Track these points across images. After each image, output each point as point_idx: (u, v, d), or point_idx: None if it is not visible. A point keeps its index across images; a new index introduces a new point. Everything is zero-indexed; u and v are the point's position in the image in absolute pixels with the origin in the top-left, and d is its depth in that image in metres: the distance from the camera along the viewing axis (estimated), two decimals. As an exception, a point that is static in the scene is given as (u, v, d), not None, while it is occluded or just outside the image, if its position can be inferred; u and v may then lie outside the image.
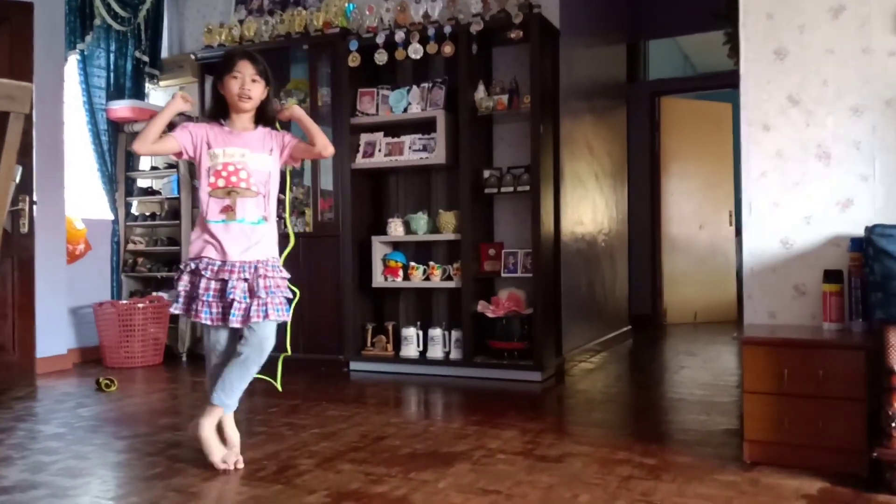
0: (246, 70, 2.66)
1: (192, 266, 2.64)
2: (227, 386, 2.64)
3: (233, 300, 2.57)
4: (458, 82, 4.40)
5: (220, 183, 2.66)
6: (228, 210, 2.65)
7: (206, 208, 2.67)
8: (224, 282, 2.60)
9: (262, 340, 2.63)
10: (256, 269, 2.64)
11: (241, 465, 2.61)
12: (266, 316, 2.59)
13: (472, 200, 4.37)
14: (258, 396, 4.05)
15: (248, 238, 2.67)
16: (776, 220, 2.91)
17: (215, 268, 2.60)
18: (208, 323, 2.63)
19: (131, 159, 5.55)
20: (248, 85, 2.66)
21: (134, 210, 5.56)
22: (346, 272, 4.63)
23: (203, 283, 2.60)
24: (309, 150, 2.83)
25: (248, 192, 2.68)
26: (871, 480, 2.32)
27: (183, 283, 2.65)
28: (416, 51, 4.45)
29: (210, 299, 2.60)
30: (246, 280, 2.62)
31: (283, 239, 2.94)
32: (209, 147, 2.68)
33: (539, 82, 4.24)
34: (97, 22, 5.14)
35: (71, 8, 4.94)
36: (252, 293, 2.60)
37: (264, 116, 2.78)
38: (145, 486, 2.46)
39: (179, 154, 2.70)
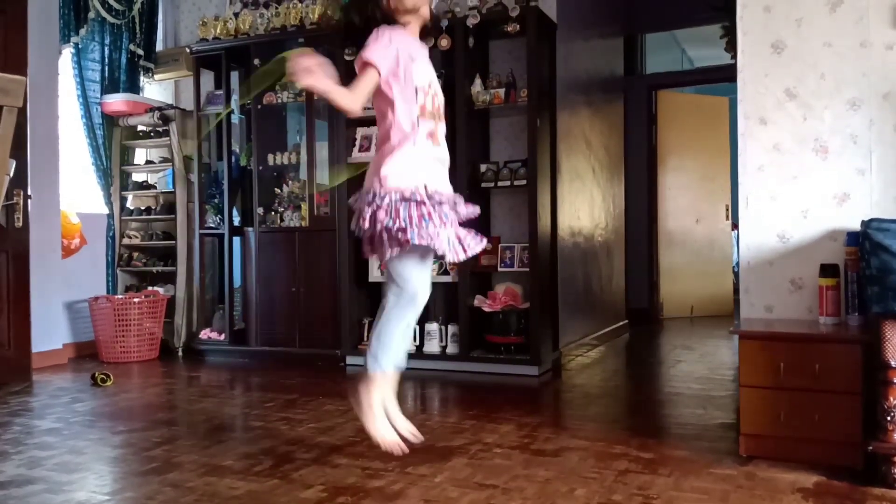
0: None
1: (396, 196, 2.24)
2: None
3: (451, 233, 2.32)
4: (455, 76, 4.39)
5: (429, 105, 2.35)
6: (433, 136, 2.37)
7: (413, 131, 2.31)
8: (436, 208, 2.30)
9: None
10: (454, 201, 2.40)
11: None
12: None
13: (469, 195, 4.32)
14: (255, 391, 4.04)
15: (447, 168, 2.43)
16: (773, 213, 2.91)
17: (424, 193, 2.29)
18: (444, 250, 2.28)
19: (126, 153, 5.52)
20: None
21: (129, 204, 5.54)
22: (343, 267, 4.62)
23: (416, 211, 2.25)
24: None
25: (441, 119, 2.43)
26: (867, 474, 2.33)
27: (381, 217, 2.24)
28: (412, 44, 4.43)
29: (431, 229, 2.26)
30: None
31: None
32: (413, 60, 2.31)
33: (536, 76, 4.23)
34: (91, 15, 5.11)
35: (65, 1, 4.91)
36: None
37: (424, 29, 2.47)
38: (141, 481, 2.45)
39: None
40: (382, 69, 2.28)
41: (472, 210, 2.49)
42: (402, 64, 2.30)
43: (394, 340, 2.35)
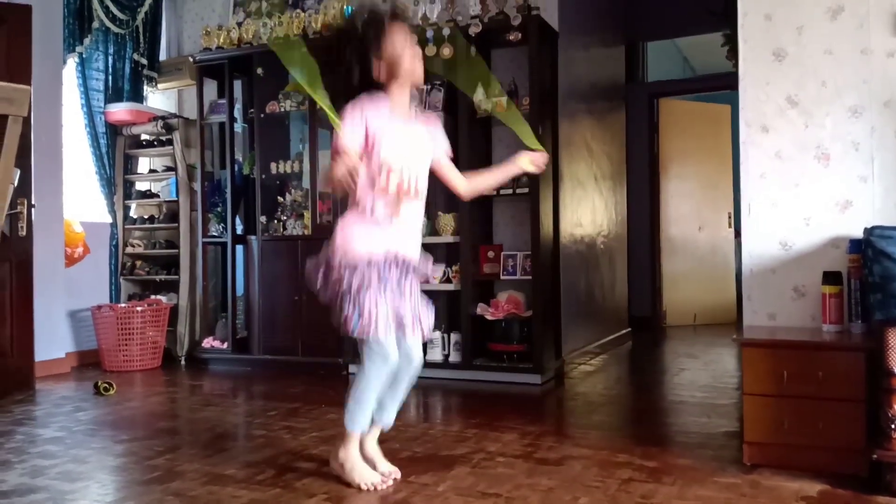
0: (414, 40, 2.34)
1: (349, 268, 2.29)
2: (385, 404, 2.48)
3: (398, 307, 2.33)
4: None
5: (392, 183, 2.31)
6: (393, 212, 2.34)
7: (371, 206, 2.33)
8: (384, 284, 2.31)
9: (414, 353, 2.47)
10: (408, 267, 2.39)
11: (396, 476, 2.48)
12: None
13: (471, 203, 4.34)
14: (257, 399, 4.04)
15: (408, 236, 2.41)
16: (775, 221, 2.91)
17: (385, 264, 2.30)
18: (375, 330, 2.29)
19: (129, 162, 5.54)
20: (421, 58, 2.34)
21: (132, 213, 5.55)
22: (345, 275, 4.62)
23: (363, 283, 2.28)
24: (449, 180, 2.55)
25: (413, 196, 2.39)
26: (872, 482, 2.32)
27: (334, 282, 2.31)
28: (414, 53, 4.44)
29: (375, 307, 2.28)
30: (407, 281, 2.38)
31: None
32: (381, 135, 2.30)
33: (538, 84, 4.24)
34: (95, 24, 5.14)
35: (69, 10, 4.94)
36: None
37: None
38: (143, 489, 2.45)
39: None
40: (357, 142, 2.27)
41: (435, 270, 2.47)
42: (369, 138, 2.29)
43: (368, 400, 2.40)
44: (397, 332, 2.36)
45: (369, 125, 2.29)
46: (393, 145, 2.32)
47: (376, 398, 2.42)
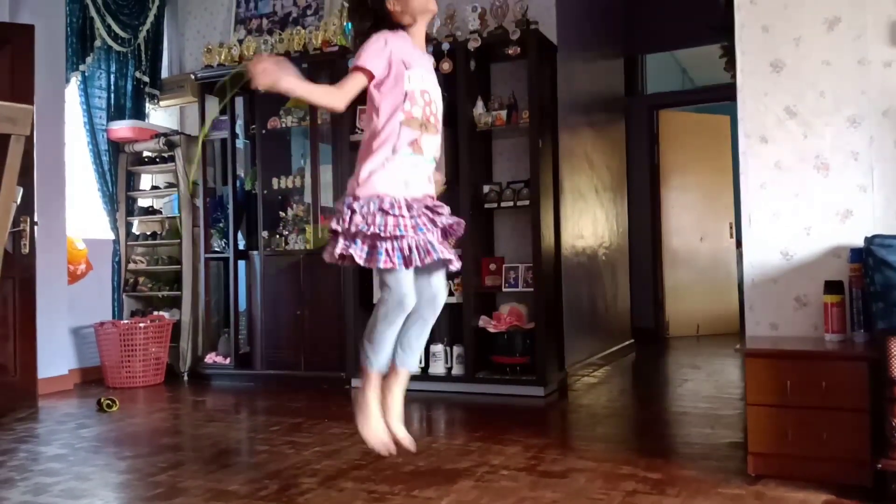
0: None
1: (374, 205, 2.22)
2: (409, 346, 2.40)
3: (427, 240, 2.27)
4: (457, 98, 4.42)
5: (417, 112, 2.29)
6: (415, 145, 2.30)
7: (394, 138, 2.28)
8: (413, 219, 2.26)
9: (438, 292, 2.40)
10: (432, 207, 2.35)
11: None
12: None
13: (473, 215, 4.37)
14: (260, 415, 4.04)
15: (428, 178, 2.38)
16: (776, 231, 2.91)
17: (402, 204, 2.25)
18: (403, 266, 2.23)
19: (131, 179, 5.57)
20: None
21: (135, 229, 5.57)
22: (348, 288, 4.63)
23: (392, 222, 2.22)
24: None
25: (434, 130, 2.35)
26: (876, 492, 2.31)
27: (357, 222, 2.23)
28: (414, 68, 4.47)
29: (405, 243, 2.23)
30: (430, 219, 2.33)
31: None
32: (406, 66, 2.27)
33: (537, 97, 4.26)
34: (98, 43, 5.18)
35: (72, 29, 4.98)
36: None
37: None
38: (147, 506, 2.45)
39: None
40: (372, 72, 2.26)
41: (457, 221, 2.44)
42: (393, 68, 2.28)
43: (384, 341, 2.35)
44: (420, 271, 2.31)
45: (393, 54, 2.28)
46: (418, 75, 2.32)
47: (395, 340, 2.37)
